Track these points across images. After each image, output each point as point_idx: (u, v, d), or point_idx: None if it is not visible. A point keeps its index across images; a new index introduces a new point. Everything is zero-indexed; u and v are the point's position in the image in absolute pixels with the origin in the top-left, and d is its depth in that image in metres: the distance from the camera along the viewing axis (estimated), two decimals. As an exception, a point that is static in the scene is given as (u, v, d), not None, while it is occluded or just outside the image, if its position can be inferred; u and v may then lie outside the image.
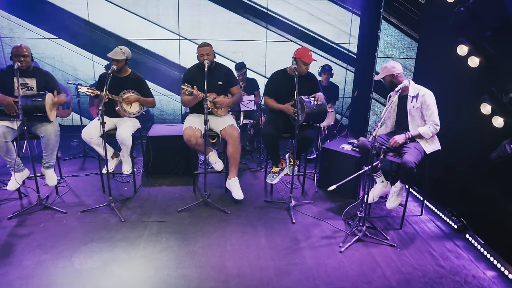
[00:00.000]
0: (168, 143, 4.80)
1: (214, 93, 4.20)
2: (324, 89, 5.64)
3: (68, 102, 5.66)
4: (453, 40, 3.75)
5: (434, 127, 3.62)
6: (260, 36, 6.71)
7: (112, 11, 6.46)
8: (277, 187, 4.66)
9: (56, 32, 6.43)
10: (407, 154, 3.51)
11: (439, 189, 4.25)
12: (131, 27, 6.56)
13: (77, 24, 6.41)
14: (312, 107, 3.96)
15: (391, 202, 3.79)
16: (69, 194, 4.41)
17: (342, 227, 3.82)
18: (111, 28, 6.54)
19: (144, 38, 6.63)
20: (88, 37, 6.50)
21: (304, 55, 3.99)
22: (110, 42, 6.46)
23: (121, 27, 6.56)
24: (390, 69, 3.71)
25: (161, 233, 3.65)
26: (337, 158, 4.42)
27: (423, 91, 3.67)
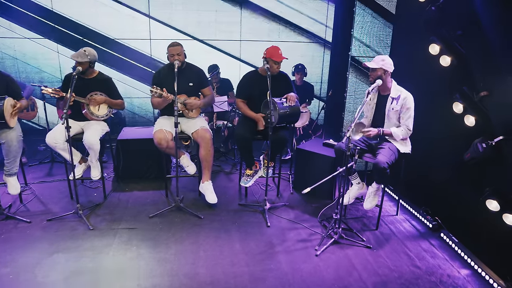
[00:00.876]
0: (139, 147, 4.63)
1: (185, 95, 4.07)
2: (298, 88, 5.61)
3: (33, 104, 5.41)
4: (425, 38, 3.75)
5: (406, 131, 3.59)
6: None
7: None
8: (252, 190, 4.57)
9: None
10: (380, 155, 3.48)
11: (414, 188, 4.26)
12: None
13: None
14: (285, 108, 3.88)
15: (368, 203, 3.76)
16: (34, 202, 4.20)
17: (318, 229, 3.76)
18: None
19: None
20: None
21: (274, 54, 3.91)
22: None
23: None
24: (387, 64, 3.56)
25: (132, 240, 3.51)
26: (312, 159, 4.37)
27: (404, 93, 3.60)
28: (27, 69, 6.32)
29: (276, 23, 6.60)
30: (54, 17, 6.14)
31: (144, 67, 6.53)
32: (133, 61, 6.53)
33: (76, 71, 3.76)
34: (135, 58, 6.49)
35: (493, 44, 3.18)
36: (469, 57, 3.46)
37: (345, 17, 5.39)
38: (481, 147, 3.15)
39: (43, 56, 6.31)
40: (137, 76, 6.57)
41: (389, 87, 3.66)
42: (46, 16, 6.11)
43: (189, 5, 6.36)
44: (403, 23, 4.50)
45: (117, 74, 6.47)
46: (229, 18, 6.50)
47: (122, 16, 6.27)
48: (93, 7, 6.17)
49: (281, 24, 6.61)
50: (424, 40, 3.77)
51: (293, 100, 3.95)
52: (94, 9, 6.18)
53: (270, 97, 3.72)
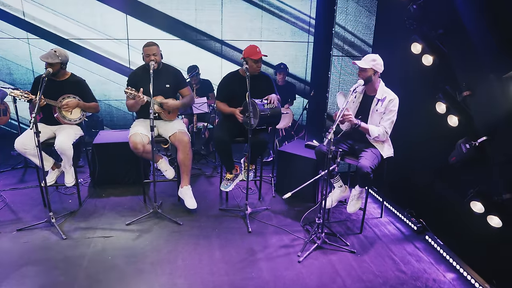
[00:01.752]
0: (116, 151, 4.46)
1: (162, 96, 3.92)
2: (280, 88, 5.51)
3: (5, 108, 5.18)
4: (407, 37, 3.69)
5: (383, 132, 3.49)
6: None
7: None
8: (233, 194, 4.44)
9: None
10: (363, 159, 3.39)
11: (398, 190, 4.19)
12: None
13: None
14: (265, 110, 3.76)
15: (351, 206, 3.67)
16: (4, 211, 3.99)
17: (301, 234, 3.66)
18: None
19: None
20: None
21: (252, 53, 3.80)
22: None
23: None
24: (377, 65, 3.44)
25: (107, 250, 3.35)
26: (294, 161, 4.26)
27: (390, 96, 3.49)
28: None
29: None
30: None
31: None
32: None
33: (46, 72, 3.58)
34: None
35: (475, 42, 3.12)
36: (451, 56, 3.41)
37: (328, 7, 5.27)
38: (464, 148, 3.09)
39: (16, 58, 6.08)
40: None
41: (376, 88, 3.56)
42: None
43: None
44: (384, 22, 4.43)
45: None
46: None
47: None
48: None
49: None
50: (406, 38, 3.70)
51: (274, 101, 3.84)
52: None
53: (249, 98, 3.60)
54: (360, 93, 3.68)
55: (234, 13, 6.45)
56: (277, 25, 6.62)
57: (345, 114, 3.35)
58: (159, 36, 6.25)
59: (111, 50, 6.33)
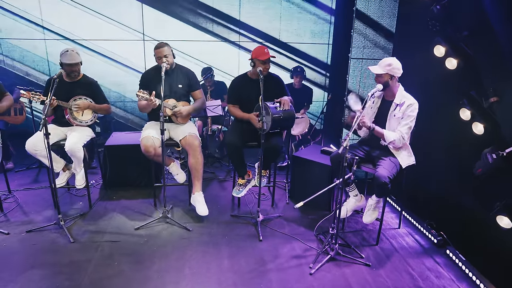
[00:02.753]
0: (128, 153, 4.40)
1: (174, 99, 3.84)
2: (296, 92, 5.39)
3: (21, 108, 5.21)
4: (430, 39, 3.50)
5: (400, 138, 3.30)
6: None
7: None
8: (246, 199, 4.32)
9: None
10: (380, 168, 3.22)
11: (418, 199, 3.99)
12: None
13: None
14: (278, 113, 3.63)
15: (367, 216, 3.49)
16: (16, 211, 3.99)
17: (314, 244, 3.51)
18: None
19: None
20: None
21: (260, 53, 3.69)
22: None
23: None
24: (394, 69, 3.25)
25: (114, 255, 3.28)
26: (309, 167, 4.12)
27: (409, 101, 3.29)
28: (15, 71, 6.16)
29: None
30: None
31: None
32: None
33: (57, 74, 3.54)
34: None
35: (504, 45, 2.92)
36: (477, 59, 3.21)
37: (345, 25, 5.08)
38: (491, 158, 2.89)
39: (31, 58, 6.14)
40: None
41: (394, 92, 3.38)
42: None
43: None
44: (406, 23, 4.23)
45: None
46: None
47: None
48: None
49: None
50: (428, 41, 3.52)
51: (287, 104, 3.70)
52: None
53: (262, 102, 3.47)
54: (378, 98, 3.51)
55: (252, 13, 6.35)
56: (296, 26, 6.46)
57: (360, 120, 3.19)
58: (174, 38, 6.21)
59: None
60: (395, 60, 3.30)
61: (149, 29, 6.20)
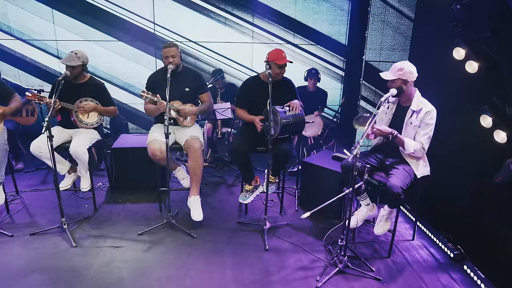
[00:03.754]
0: (135, 156, 4.33)
1: (179, 101, 3.74)
2: (311, 95, 5.23)
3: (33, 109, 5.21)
4: (448, 41, 3.30)
5: (420, 149, 3.11)
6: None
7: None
8: (254, 206, 4.17)
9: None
10: (393, 177, 3.04)
11: (434, 210, 3.78)
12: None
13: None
14: (287, 118, 3.49)
15: (379, 227, 3.31)
16: (21, 213, 3.96)
17: (322, 255, 3.35)
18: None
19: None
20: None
21: (278, 57, 3.53)
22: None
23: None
24: (406, 73, 3.06)
25: (114, 261, 3.19)
26: (320, 174, 3.95)
27: (427, 108, 3.09)
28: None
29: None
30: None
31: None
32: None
33: (63, 75, 3.50)
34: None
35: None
36: (501, 63, 2.99)
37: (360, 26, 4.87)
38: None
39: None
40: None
41: (410, 97, 3.18)
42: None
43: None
44: (423, 23, 4.03)
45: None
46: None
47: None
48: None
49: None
50: (447, 42, 3.32)
51: (297, 108, 3.55)
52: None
53: (270, 105, 3.33)
54: (393, 104, 3.32)
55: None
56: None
57: (374, 130, 3.02)
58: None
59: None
60: (407, 64, 3.11)
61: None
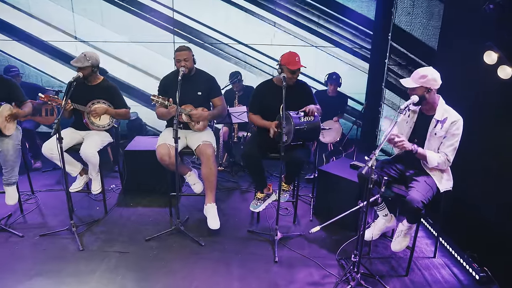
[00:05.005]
0: (147, 159, 4.23)
1: (191, 105, 3.64)
2: (330, 99, 5.04)
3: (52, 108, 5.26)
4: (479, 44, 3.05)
5: (444, 161, 2.88)
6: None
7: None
8: (267, 214, 4.01)
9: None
10: (413, 190, 2.81)
11: (458, 225, 3.52)
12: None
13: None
14: (301, 124, 3.32)
15: (396, 243, 3.09)
16: (34, 213, 3.98)
17: (335, 270, 3.16)
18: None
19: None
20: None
21: (290, 62, 3.37)
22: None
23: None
24: (429, 81, 2.81)
25: (119, 268, 3.12)
26: (336, 182, 3.75)
27: (453, 117, 2.85)
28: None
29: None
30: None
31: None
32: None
33: (75, 77, 3.47)
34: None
35: None
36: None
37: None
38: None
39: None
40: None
41: (434, 106, 2.94)
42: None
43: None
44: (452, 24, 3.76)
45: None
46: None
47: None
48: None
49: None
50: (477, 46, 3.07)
51: (312, 113, 3.38)
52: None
53: (283, 111, 3.17)
54: (414, 112, 3.09)
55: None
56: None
57: (395, 140, 2.81)
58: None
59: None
60: (431, 70, 2.87)
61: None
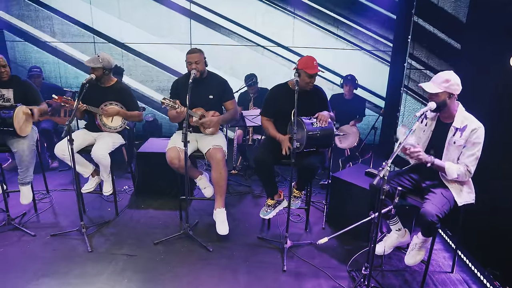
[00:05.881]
0: (159, 161, 4.19)
1: (202, 109, 3.60)
2: (347, 103, 4.92)
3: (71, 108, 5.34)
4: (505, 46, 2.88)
5: (464, 172, 2.72)
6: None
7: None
8: (278, 220, 3.93)
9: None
10: (428, 203, 2.67)
11: (479, 238, 3.33)
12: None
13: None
14: (314, 130, 3.22)
15: (410, 257, 2.95)
16: (48, 213, 4.03)
17: (345, 282, 3.04)
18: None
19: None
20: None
21: (308, 66, 3.27)
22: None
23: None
24: (453, 85, 2.68)
25: (126, 270, 3.11)
26: (349, 190, 3.63)
27: (474, 124, 2.69)
28: (67, 74, 6.39)
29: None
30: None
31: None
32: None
33: (87, 78, 3.48)
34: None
35: None
36: None
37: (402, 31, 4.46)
38: None
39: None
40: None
41: (453, 113, 2.80)
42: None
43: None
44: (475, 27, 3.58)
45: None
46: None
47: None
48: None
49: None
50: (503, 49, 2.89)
51: (325, 120, 3.27)
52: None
53: (295, 116, 3.08)
54: (432, 120, 2.95)
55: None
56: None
57: (411, 150, 2.68)
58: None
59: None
60: (453, 74, 2.72)
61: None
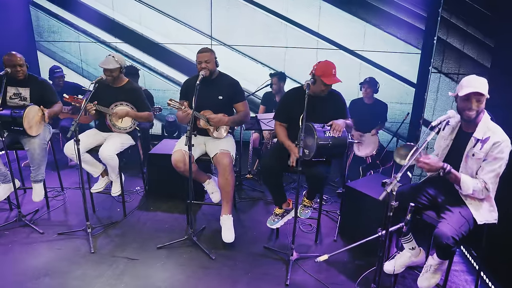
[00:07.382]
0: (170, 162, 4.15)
1: (210, 111, 3.49)
2: (368, 108, 4.67)
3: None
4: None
5: (481, 189, 2.45)
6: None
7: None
8: (288, 229, 3.73)
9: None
10: (444, 223, 2.41)
11: (505, 260, 3.02)
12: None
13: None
14: (326, 139, 3.00)
15: (423, 279, 2.69)
16: (59, 210, 4.06)
17: (351, 301, 2.84)
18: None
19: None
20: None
21: (326, 73, 3.04)
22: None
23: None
24: (487, 89, 2.42)
25: (125, 275, 3.04)
26: (363, 201, 3.40)
27: (496, 137, 2.42)
28: (89, 75, 6.48)
29: None
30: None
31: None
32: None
33: (97, 79, 3.46)
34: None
35: None
36: None
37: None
38: None
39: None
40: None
41: (477, 122, 2.52)
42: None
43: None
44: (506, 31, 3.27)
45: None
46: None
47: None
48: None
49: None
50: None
51: (339, 130, 3.03)
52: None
53: (303, 122, 2.89)
54: (454, 128, 2.69)
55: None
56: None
57: (420, 160, 2.44)
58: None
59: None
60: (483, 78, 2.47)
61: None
